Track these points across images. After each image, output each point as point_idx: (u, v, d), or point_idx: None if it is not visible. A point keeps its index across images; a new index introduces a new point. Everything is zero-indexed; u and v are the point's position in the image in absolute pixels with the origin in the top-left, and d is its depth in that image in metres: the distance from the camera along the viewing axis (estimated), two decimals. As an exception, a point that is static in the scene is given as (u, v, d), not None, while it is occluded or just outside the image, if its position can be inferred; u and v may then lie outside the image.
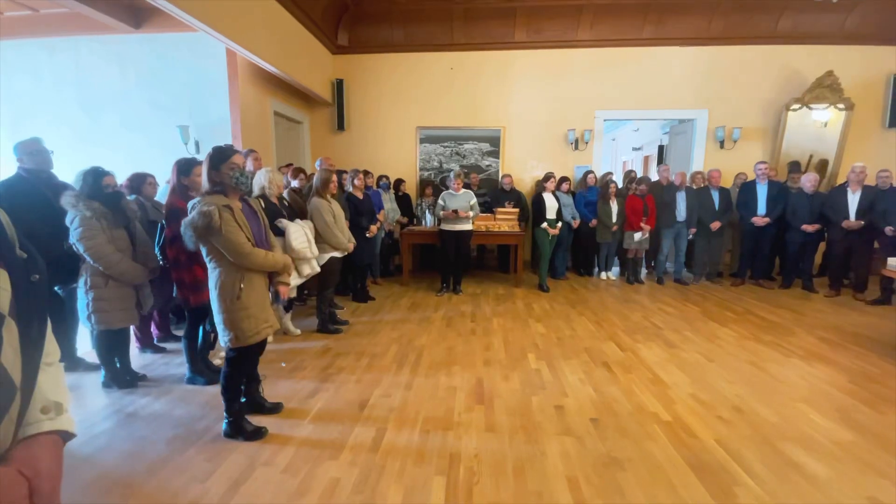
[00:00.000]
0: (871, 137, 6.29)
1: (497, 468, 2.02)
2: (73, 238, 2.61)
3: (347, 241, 3.80)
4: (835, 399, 2.70)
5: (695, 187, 5.78)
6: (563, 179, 5.94)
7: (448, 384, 2.87)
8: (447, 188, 5.27)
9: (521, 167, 6.84)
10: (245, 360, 2.30)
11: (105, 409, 2.58)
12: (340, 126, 6.81)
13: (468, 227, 5.13)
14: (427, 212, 6.08)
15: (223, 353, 3.26)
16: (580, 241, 6.16)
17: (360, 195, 4.71)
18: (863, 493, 1.86)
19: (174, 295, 2.90)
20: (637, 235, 5.65)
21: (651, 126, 9.56)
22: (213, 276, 2.13)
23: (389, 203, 5.83)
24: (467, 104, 6.80)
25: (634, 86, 6.56)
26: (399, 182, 6.39)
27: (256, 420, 2.37)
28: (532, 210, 5.67)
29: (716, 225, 5.55)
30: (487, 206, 6.08)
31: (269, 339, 3.53)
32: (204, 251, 2.10)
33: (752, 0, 5.87)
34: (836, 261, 5.23)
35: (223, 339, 2.16)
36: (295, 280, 3.37)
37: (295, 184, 4.34)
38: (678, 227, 5.68)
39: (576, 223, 5.86)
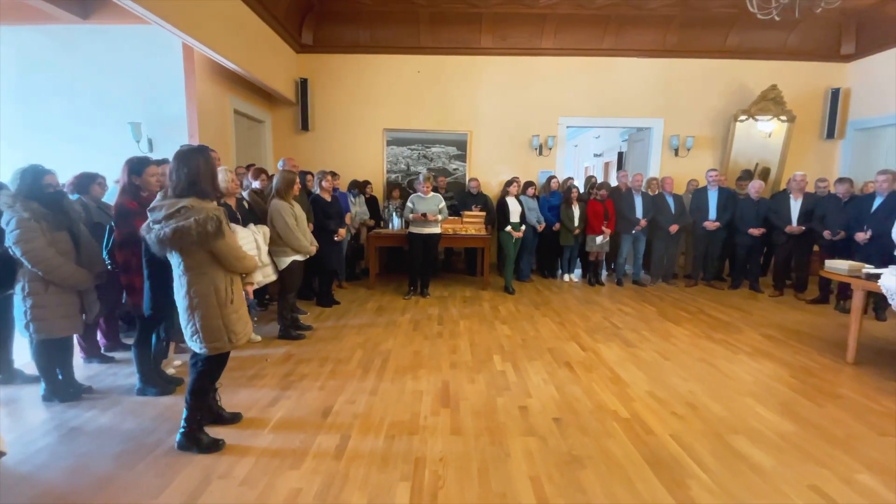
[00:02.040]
0: (810, 148, 6.76)
1: (462, 471, 2.02)
2: (10, 241, 2.42)
3: (310, 244, 3.72)
4: (778, 393, 2.88)
5: (651, 193, 6.04)
6: (528, 184, 6.05)
7: (414, 388, 2.86)
8: (415, 191, 5.25)
9: (488, 171, 6.92)
10: (220, 366, 2.24)
11: (45, 424, 2.41)
12: (305, 126, 6.67)
13: (436, 230, 5.13)
14: (394, 214, 6.05)
15: (177, 362, 3.14)
16: (544, 245, 6.29)
17: (327, 197, 4.62)
18: (804, 481, 1.98)
19: (123, 301, 2.75)
20: (598, 239, 5.83)
21: (611, 133, 9.90)
22: (195, 283, 2.01)
23: (358, 207, 5.75)
24: (434, 108, 6.82)
25: (595, 94, 6.78)
26: (366, 184, 6.32)
27: (214, 432, 2.27)
28: (496, 214, 5.75)
29: (674, 228, 5.81)
30: (455, 210, 6.11)
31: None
32: (181, 258, 1.98)
33: (703, 16, 6.20)
34: (780, 263, 5.59)
35: (200, 345, 2.06)
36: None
37: (256, 185, 4.21)
38: (637, 230, 5.91)
39: (540, 227, 5.98)
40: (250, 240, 3.08)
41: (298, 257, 3.64)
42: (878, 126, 6.21)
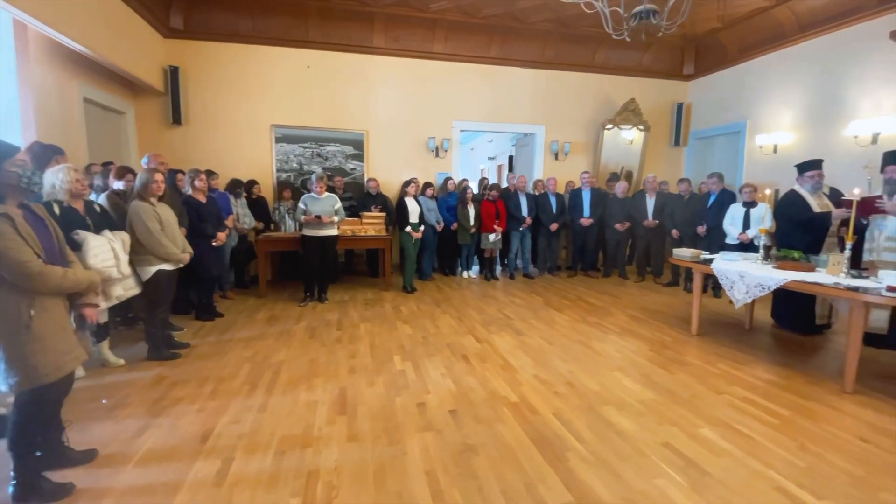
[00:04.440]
0: (662, 153, 7.88)
1: (358, 476, 1.98)
2: None
3: (181, 251, 3.33)
4: (640, 366, 3.31)
5: (536, 193, 6.55)
6: (427, 185, 6.17)
7: (308, 399, 2.73)
8: (309, 191, 5.02)
9: (387, 171, 6.87)
10: (44, 405, 1.87)
11: None
12: (176, 119, 5.98)
13: (333, 232, 4.96)
14: (287, 216, 5.71)
15: (12, 398, 2.60)
16: (444, 244, 6.46)
17: (201, 198, 4.20)
18: (659, 440, 2.30)
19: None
20: (491, 237, 6.16)
21: (503, 138, 10.51)
22: None
23: (240, 208, 5.31)
24: (327, 105, 6.58)
25: (485, 100, 7.12)
26: (252, 183, 5.87)
27: (62, 475, 1.93)
28: (396, 214, 5.77)
29: (554, 226, 6.38)
30: (354, 211, 5.98)
31: (81, 373, 2.94)
32: None
33: (574, 33, 6.87)
34: (640, 253, 6.45)
35: (6, 382, 1.72)
36: (101, 304, 2.82)
37: (119, 185, 3.65)
38: (523, 228, 6.37)
39: (440, 226, 6.13)
40: (105, 248, 2.66)
41: (166, 266, 3.23)
42: (712, 135, 7.46)
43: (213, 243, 4.15)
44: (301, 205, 4.82)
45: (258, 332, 4.00)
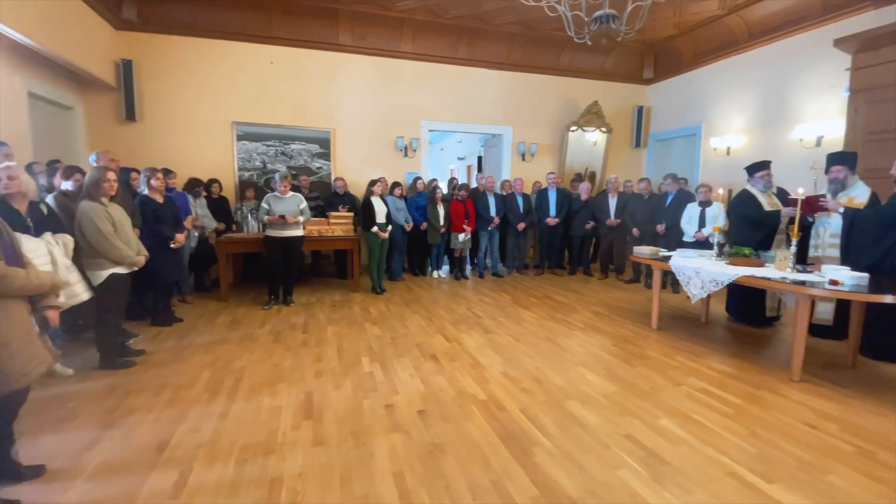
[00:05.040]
0: (624, 154, 8.13)
1: (323, 482, 1.95)
2: None
3: (136, 254, 3.18)
4: (603, 360, 3.41)
5: (503, 193, 6.63)
6: (395, 185, 6.13)
7: (272, 404, 2.66)
8: (273, 190, 4.89)
9: (355, 170, 6.79)
10: (3, 414, 1.79)
11: None
12: (130, 115, 5.70)
13: (298, 232, 4.85)
14: (249, 216, 5.55)
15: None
16: (415, 243, 6.44)
17: (158, 198, 4.01)
18: (621, 432, 2.37)
19: None
20: (461, 236, 6.19)
21: (472, 138, 10.57)
22: None
23: (200, 209, 5.11)
24: (292, 102, 6.44)
25: (453, 100, 7.15)
26: (211, 183, 5.66)
27: (5, 493, 1.81)
28: (362, 214, 5.71)
29: (521, 225, 6.49)
30: (320, 210, 5.87)
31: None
32: None
33: (540, 36, 6.99)
34: (604, 250, 6.64)
35: None
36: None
37: (68, 185, 3.44)
38: (492, 227, 6.43)
39: (408, 226, 6.10)
40: (42, 252, 2.50)
41: (120, 269, 3.07)
42: (670, 138, 7.76)
43: (171, 245, 3.98)
44: (264, 204, 4.69)
45: (219, 337, 3.86)
